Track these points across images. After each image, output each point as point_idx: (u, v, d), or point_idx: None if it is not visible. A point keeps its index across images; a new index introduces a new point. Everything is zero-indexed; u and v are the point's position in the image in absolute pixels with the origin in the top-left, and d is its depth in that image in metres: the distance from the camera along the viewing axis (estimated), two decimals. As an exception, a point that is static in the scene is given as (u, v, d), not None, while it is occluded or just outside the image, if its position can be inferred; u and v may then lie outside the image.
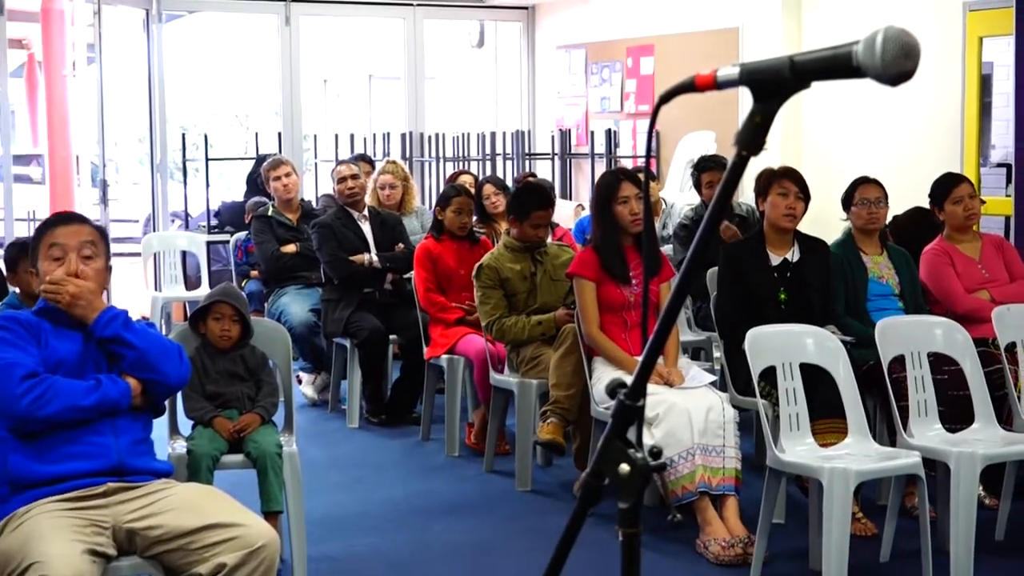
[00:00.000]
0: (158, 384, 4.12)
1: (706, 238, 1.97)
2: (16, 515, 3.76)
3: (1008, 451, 5.32)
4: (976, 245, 6.59)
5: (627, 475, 1.99)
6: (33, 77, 18.87)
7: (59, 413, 3.84)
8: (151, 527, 3.79)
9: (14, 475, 3.85)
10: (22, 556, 3.57)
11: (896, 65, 1.74)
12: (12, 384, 3.80)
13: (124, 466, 3.94)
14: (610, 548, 1.99)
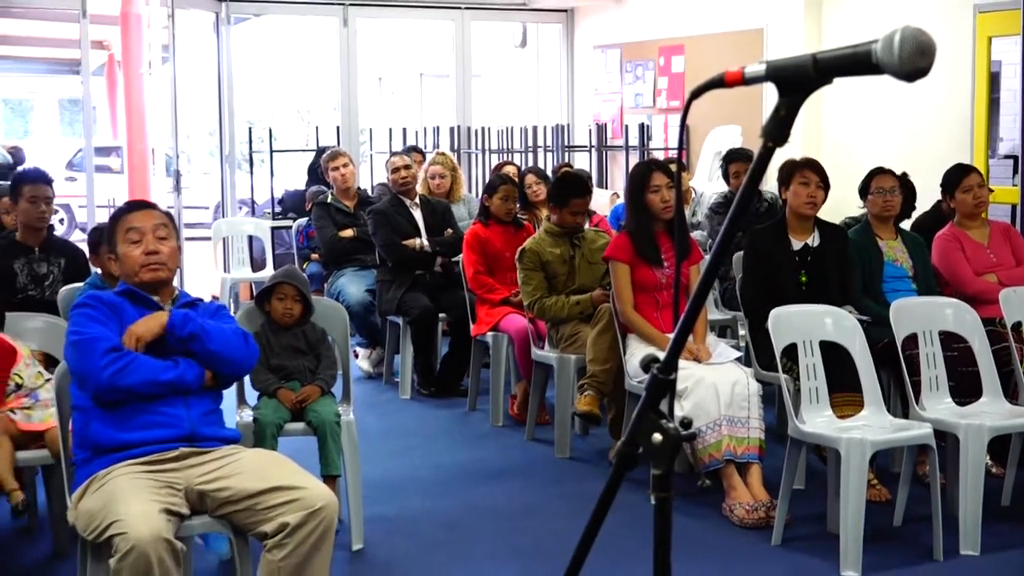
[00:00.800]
0: (227, 372, 4.16)
1: (735, 223, 1.96)
2: (97, 477, 3.79)
3: (1013, 423, 5.31)
4: (984, 231, 6.56)
5: (660, 444, 2.00)
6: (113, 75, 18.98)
7: (138, 386, 3.86)
8: (220, 489, 3.81)
9: (95, 441, 3.87)
10: (104, 515, 3.59)
11: (912, 62, 1.73)
12: (96, 356, 3.83)
13: (196, 434, 3.96)
14: (643, 511, 1.98)
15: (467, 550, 5.17)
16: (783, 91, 1.87)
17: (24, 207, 6.20)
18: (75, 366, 3.90)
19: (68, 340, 3.94)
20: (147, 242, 4.01)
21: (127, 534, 3.46)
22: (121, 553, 3.45)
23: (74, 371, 3.92)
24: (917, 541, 5.15)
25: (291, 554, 3.68)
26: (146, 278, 4.02)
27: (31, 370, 4.83)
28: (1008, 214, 8.35)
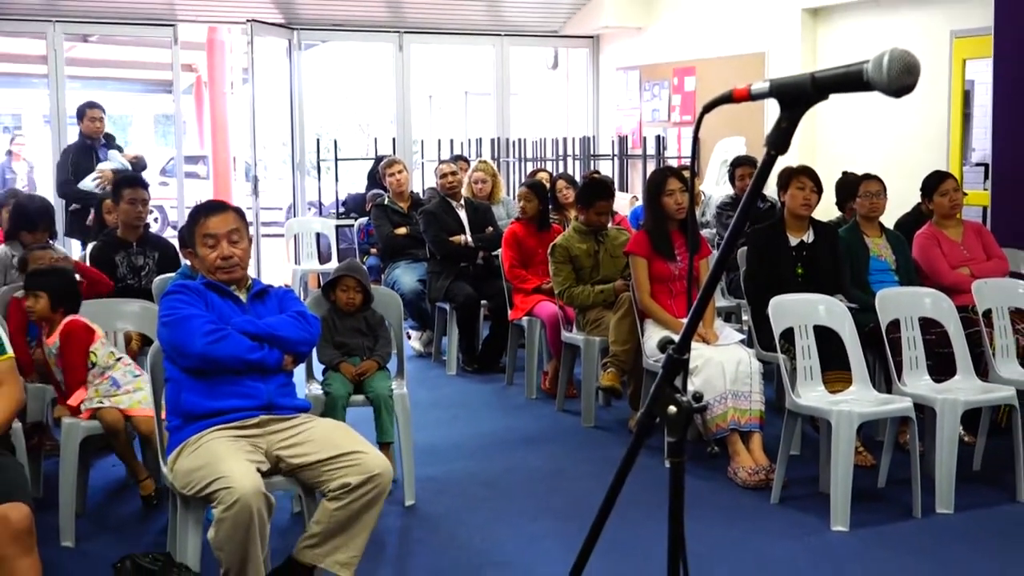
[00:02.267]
0: (297, 354, 4.16)
1: (742, 221, 1.96)
2: (190, 442, 3.80)
3: (984, 398, 5.30)
4: (959, 230, 6.53)
5: (674, 415, 2.00)
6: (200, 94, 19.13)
7: (226, 358, 3.86)
8: (295, 455, 3.83)
9: (186, 409, 3.88)
10: (206, 473, 3.61)
11: (900, 81, 1.73)
12: (193, 328, 3.84)
13: (273, 404, 3.97)
14: (659, 473, 1.97)
15: (505, 507, 5.17)
16: (785, 106, 1.87)
17: (124, 208, 6.28)
18: (170, 340, 3.90)
19: (161, 321, 3.96)
20: (222, 248, 4.00)
21: (232, 488, 3.48)
22: (226, 505, 3.47)
23: (169, 345, 3.92)
24: (898, 500, 5.12)
25: (345, 507, 3.70)
26: (222, 278, 4.03)
27: (104, 350, 4.86)
28: (980, 215, 8.31)
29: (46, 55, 11.19)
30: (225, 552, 3.51)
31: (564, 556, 2.20)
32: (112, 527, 4.82)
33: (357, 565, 3.78)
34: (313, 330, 4.19)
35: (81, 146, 9.14)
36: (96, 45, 16.91)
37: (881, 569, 4.41)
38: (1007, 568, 4.41)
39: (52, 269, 5.18)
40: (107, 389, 4.77)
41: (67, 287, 4.99)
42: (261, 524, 3.50)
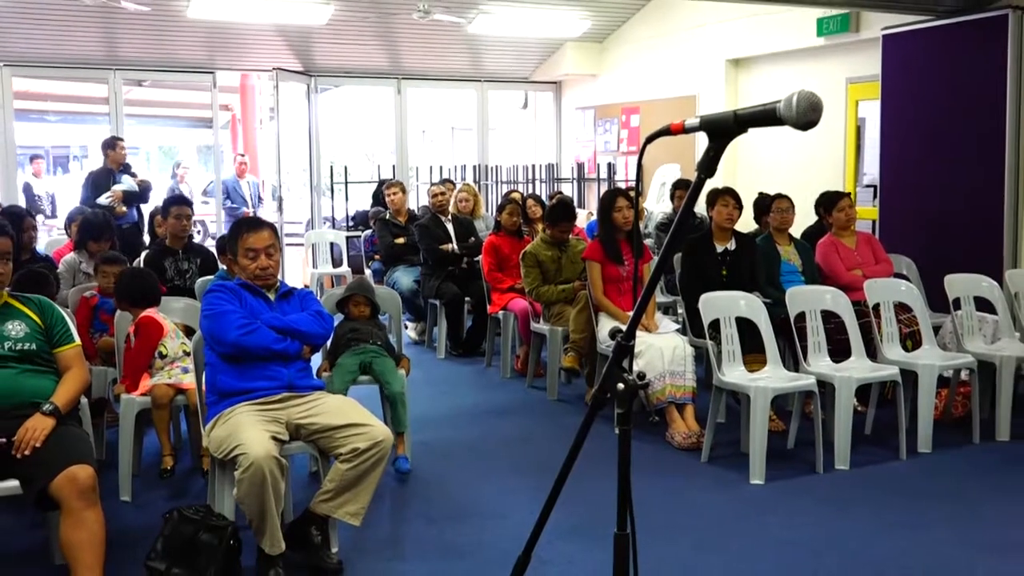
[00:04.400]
0: (317, 343, 4.18)
1: (676, 234, 1.96)
2: (223, 415, 3.79)
3: (873, 375, 5.32)
4: (853, 239, 6.54)
5: (622, 391, 1.99)
6: (235, 128, 19.01)
7: (255, 347, 3.86)
8: (311, 423, 3.81)
9: (221, 388, 3.87)
10: (230, 441, 3.62)
11: (806, 117, 1.73)
12: (229, 321, 3.84)
13: (293, 385, 3.95)
14: (610, 438, 1.97)
15: (485, 466, 5.17)
16: (712, 137, 1.87)
17: (171, 222, 6.26)
18: (210, 331, 3.89)
19: (203, 314, 3.95)
20: (261, 260, 3.99)
21: (247, 454, 3.48)
22: (243, 467, 3.47)
23: (208, 335, 3.91)
24: (804, 459, 5.14)
25: (354, 468, 3.69)
26: (260, 284, 4.03)
27: (175, 342, 4.81)
28: (870, 227, 8.34)
29: (107, 97, 11.21)
30: (246, 505, 3.52)
31: (533, 505, 2.19)
32: (162, 485, 4.78)
33: (364, 514, 3.77)
34: (328, 326, 4.17)
35: (104, 171, 9.25)
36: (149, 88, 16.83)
37: (791, 514, 4.41)
38: (890, 511, 4.42)
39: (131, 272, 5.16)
40: (177, 376, 4.73)
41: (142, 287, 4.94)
42: (275, 483, 3.49)
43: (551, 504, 2.15)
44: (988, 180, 7.19)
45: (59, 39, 10.37)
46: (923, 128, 7.65)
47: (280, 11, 9.94)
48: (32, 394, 3.57)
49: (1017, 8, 7.02)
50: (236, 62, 12.10)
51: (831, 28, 8.83)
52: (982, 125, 7.20)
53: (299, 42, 11.25)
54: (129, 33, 10.42)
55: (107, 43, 10.69)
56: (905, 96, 7.80)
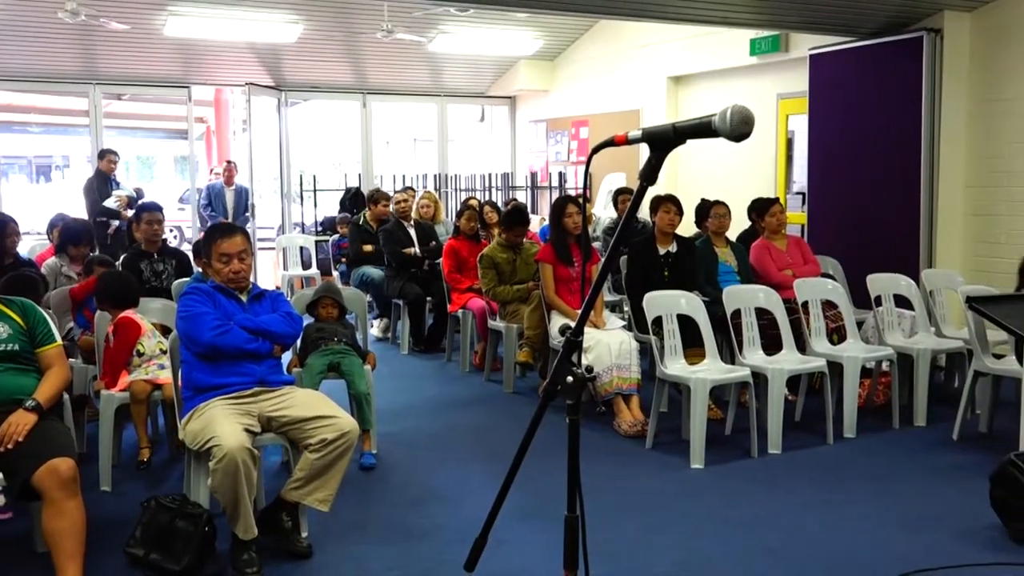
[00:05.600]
0: (286, 343, 4.14)
1: (620, 236, 1.95)
2: (198, 408, 3.74)
3: (802, 367, 5.35)
4: (784, 242, 6.59)
5: (572, 383, 1.98)
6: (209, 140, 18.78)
7: (228, 347, 3.81)
8: (282, 415, 3.76)
9: (196, 384, 3.81)
10: (205, 433, 3.57)
11: (739, 129, 1.73)
12: (204, 323, 3.79)
13: (265, 380, 3.90)
14: (561, 427, 1.97)
15: (445, 454, 5.15)
16: (653, 148, 1.86)
17: (143, 227, 6.17)
18: (185, 332, 3.83)
19: (179, 315, 3.88)
20: (233, 264, 3.94)
21: (221, 445, 3.43)
22: (217, 458, 3.43)
23: (184, 335, 3.85)
24: (740, 444, 5.18)
25: (323, 458, 3.65)
26: (232, 287, 3.97)
27: (152, 341, 4.73)
28: (799, 231, 8.43)
29: (88, 110, 11.04)
30: (220, 494, 3.48)
31: (490, 490, 2.18)
32: (140, 476, 4.70)
33: (332, 501, 3.73)
34: (297, 326, 4.13)
35: (102, 178, 9.66)
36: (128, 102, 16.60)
37: (728, 495, 4.44)
38: (819, 491, 4.47)
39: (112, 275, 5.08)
40: (154, 372, 4.66)
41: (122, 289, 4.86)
42: (247, 472, 3.44)
43: (506, 489, 2.14)
44: (906, 188, 7.30)
45: (42, 54, 10.21)
46: (847, 140, 7.75)
47: (252, 29, 9.85)
48: (15, 391, 3.50)
49: (931, 31, 7.13)
50: (210, 77, 11.97)
51: (763, 48, 8.92)
52: (900, 136, 7.31)
53: (270, 58, 11.15)
54: (108, 49, 10.28)
55: (88, 58, 10.53)
56: (830, 111, 7.90)
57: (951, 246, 7.28)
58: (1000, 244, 7.02)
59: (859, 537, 3.92)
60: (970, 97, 7.25)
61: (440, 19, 10.15)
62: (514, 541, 3.80)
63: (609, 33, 11.01)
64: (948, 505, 4.27)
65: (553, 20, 10.63)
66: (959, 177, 7.28)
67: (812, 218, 8.13)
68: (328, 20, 10.14)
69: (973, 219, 7.31)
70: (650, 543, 3.86)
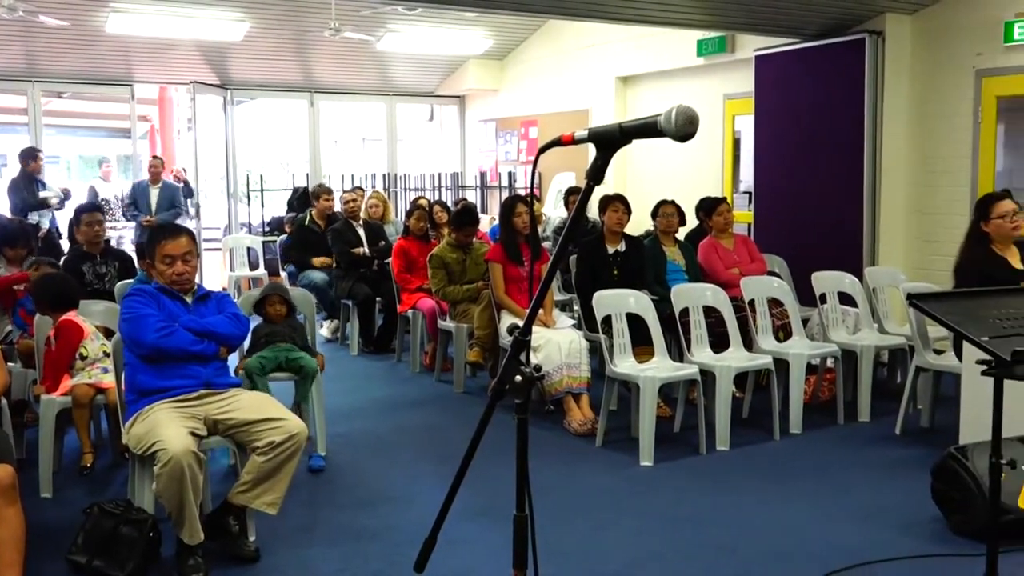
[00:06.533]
0: (233, 344, 4.08)
1: (568, 235, 1.96)
2: (142, 412, 3.68)
3: (749, 365, 5.41)
4: (731, 240, 6.66)
5: (520, 382, 1.98)
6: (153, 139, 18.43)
7: (172, 349, 3.75)
8: (228, 418, 3.72)
9: (140, 387, 3.75)
10: (149, 437, 3.51)
11: (684, 129, 1.73)
12: (148, 324, 3.73)
13: (210, 383, 3.85)
14: (511, 427, 1.96)
15: (396, 454, 5.12)
16: (600, 148, 1.85)
17: (84, 229, 6.04)
18: (129, 334, 3.77)
19: (122, 317, 3.82)
20: (177, 266, 3.89)
21: (166, 449, 3.38)
22: (162, 463, 3.37)
23: (128, 338, 3.78)
24: (689, 441, 5.23)
25: (271, 460, 3.62)
26: (177, 288, 3.92)
27: (95, 344, 4.64)
28: (746, 229, 8.51)
29: (27, 108, 10.77)
30: (165, 499, 3.43)
31: (440, 490, 2.17)
32: (82, 481, 4.61)
33: (280, 504, 3.70)
34: (244, 327, 4.08)
35: (28, 178, 9.47)
36: (68, 100, 16.25)
37: (678, 491, 4.48)
38: (766, 486, 4.53)
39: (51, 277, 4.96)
40: (97, 376, 4.57)
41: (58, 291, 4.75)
42: (193, 476, 3.40)
43: (455, 488, 2.13)
44: (850, 187, 7.42)
45: (-23, 51, 9.96)
46: (792, 140, 7.86)
47: (197, 27, 9.70)
48: (-50, 396, 3.41)
49: (873, 32, 7.26)
50: (154, 75, 11.77)
51: (709, 49, 9.01)
52: (843, 137, 7.42)
53: (216, 57, 11.00)
54: (48, 46, 10.05)
55: (26, 56, 10.30)
56: (776, 111, 8.00)
57: (894, 244, 7.42)
58: (941, 242, 7.17)
59: (806, 531, 3.97)
60: (911, 98, 7.39)
61: (388, 18, 10.09)
62: (464, 541, 3.79)
63: (558, 33, 11.04)
64: (892, 498, 4.35)
65: (502, 20, 10.63)
66: (901, 176, 7.43)
67: (758, 217, 8.23)
68: (275, 18, 10.03)
69: (915, 218, 7.46)
70: (600, 541, 3.88)
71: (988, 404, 2.81)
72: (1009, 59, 6.78)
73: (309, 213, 8.78)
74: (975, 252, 4.95)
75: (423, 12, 9.72)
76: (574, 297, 6.90)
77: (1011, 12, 6.71)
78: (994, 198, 5.03)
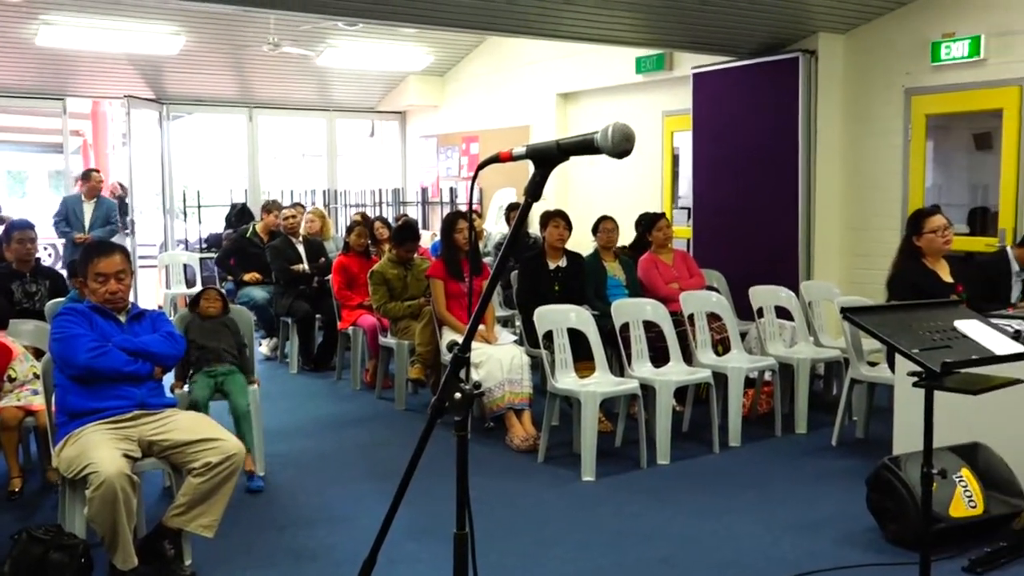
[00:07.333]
0: (168, 364, 3.99)
1: (507, 252, 1.96)
2: (73, 434, 3.59)
3: (689, 378, 5.46)
4: (671, 255, 6.73)
5: (459, 399, 1.98)
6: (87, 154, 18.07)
7: (105, 370, 3.67)
8: (163, 439, 3.64)
9: (71, 408, 3.66)
10: (81, 460, 3.42)
11: (620, 146, 1.75)
12: (80, 344, 3.65)
13: (145, 403, 3.77)
14: (451, 444, 1.96)
15: (336, 473, 5.06)
16: (537, 164, 1.86)
17: (15, 247, 5.88)
18: (60, 354, 3.68)
19: (53, 337, 3.73)
20: (110, 285, 3.81)
21: (99, 472, 3.30)
22: (94, 486, 3.29)
23: (59, 358, 3.69)
24: (630, 456, 5.25)
25: (207, 481, 3.55)
26: (110, 307, 3.84)
27: (24, 365, 4.53)
28: (685, 245, 8.61)
29: (-47, 122, 10.51)
30: (98, 523, 3.34)
31: (381, 509, 2.15)
32: (11, 507, 4.47)
33: (217, 526, 3.63)
34: (179, 347, 4.00)
35: None
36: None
37: (620, 506, 4.49)
38: (707, 499, 4.57)
39: None
40: (26, 398, 4.44)
41: None
42: (127, 500, 3.32)
43: (395, 507, 2.12)
44: (785, 203, 7.55)
45: (-100, 63, 9.68)
46: (729, 156, 7.98)
47: (131, 40, 9.54)
48: None
49: (807, 51, 7.42)
50: (86, 89, 11.54)
51: (648, 66, 9.13)
52: (779, 153, 7.56)
53: (151, 71, 10.83)
54: (-25, 59, 9.82)
55: (-48, 68, 10.04)
56: (713, 127, 8.12)
57: (828, 259, 7.57)
58: (874, 256, 7.33)
59: (746, 543, 4.02)
60: (844, 115, 7.57)
61: (328, 33, 10.04)
62: (405, 560, 3.76)
63: (499, 49, 11.09)
64: (829, 509, 4.42)
65: (443, 36, 10.64)
66: (835, 193, 7.58)
67: (697, 232, 8.33)
68: (212, 32, 9.92)
69: (849, 233, 7.61)
70: (542, 557, 3.88)
71: (920, 415, 2.88)
72: (936, 78, 6.98)
73: (253, 226, 8.68)
74: (907, 266, 5.07)
75: (363, 28, 9.69)
76: (516, 313, 6.91)
77: (938, 32, 6.92)
78: (926, 213, 5.17)
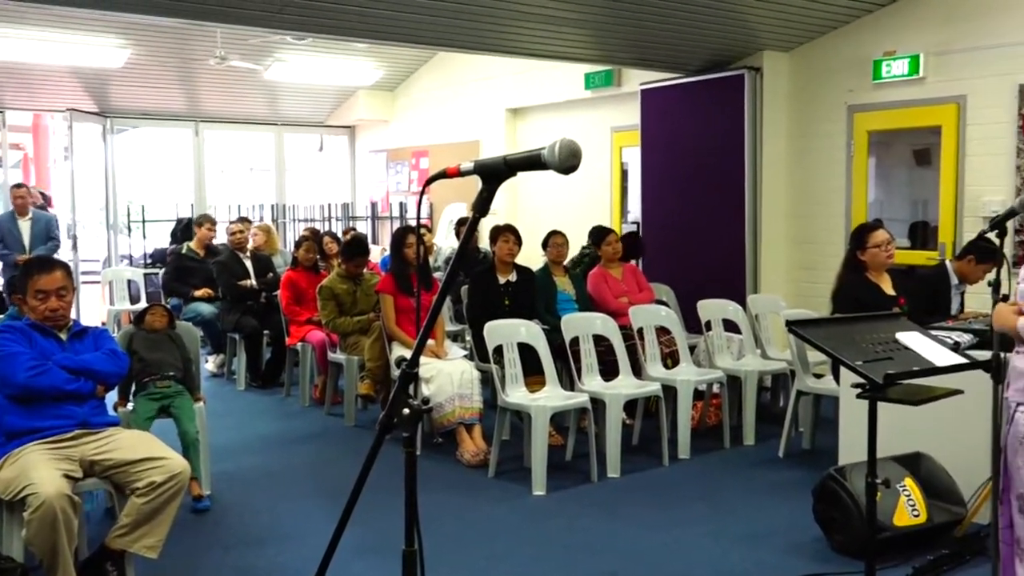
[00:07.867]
0: (111, 382, 3.92)
1: (456, 266, 1.96)
2: (12, 455, 3.49)
3: (639, 392, 5.49)
4: (620, 270, 6.77)
5: (408, 415, 1.96)
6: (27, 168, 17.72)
7: (46, 389, 3.59)
8: (105, 459, 3.56)
9: (9, 428, 3.57)
10: (19, 481, 3.33)
11: (567, 162, 1.74)
12: (19, 363, 3.56)
13: (87, 422, 3.68)
14: (399, 460, 1.95)
15: (284, 491, 5.00)
16: (485, 180, 1.85)
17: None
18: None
19: (-10, 355, 3.62)
20: (51, 302, 3.72)
21: (38, 493, 3.22)
22: (33, 507, 3.21)
23: (-5, 378, 3.59)
24: (580, 469, 5.25)
25: (151, 501, 3.47)
26: (50, 325, 3.76)
27: None
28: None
29: None
30: (36, 546, 3.25)
31: (330, 527, 2.13)
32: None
33: (162, 546, 3.55)
34: (122, 365, 3.93)
35: None
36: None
37: (571, 519, 4.50)
38: (657, 511, 4.59)
39: None
40: None
41: None
42: (67, 521, 3.24)
43: (343, 525, 2.10)
44: (732, 217, 7.65)
45: None
46: (677, 171, 8.07)
47: (74, 53, 9.40)
48: None
49: (752, 69, 7.54)
50: (27, 102, 11.33)
51: (597, 82, 9.20)
52: (726, 169, 7.66)
53: (95, 84, 10.66)
54: (-89, 70, 9.58)
55: None
56: (661, 143, 8.21)
57: (774, 272, 7.68)
58: (818, 270, 7.45)
59: (696, 555, 4.04)
60: (788, 131, 7.69)
61: (276, 47, 9.98)
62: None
63: (448, 65, 11.11)
64: (777, 520, 4.47)
65: (393, 51, 10.63)
66: (780, 207, 7.70)
67: (646, 246, 8.39)
68: (158, 45, 9.80)
69: (794, 247, 7.73)
70: (492, 572, 3.86)
71: (864, 426, 2.92)
72: (878, 95, 7.14)
73: (188, 244, 8.58)
74: (851, 279, 5.16)
75: (312, 42, 9.64)
76: (466, 327, 6.90)
77: (879, 51, 7.07)
78: (869, 228, 5.26)
